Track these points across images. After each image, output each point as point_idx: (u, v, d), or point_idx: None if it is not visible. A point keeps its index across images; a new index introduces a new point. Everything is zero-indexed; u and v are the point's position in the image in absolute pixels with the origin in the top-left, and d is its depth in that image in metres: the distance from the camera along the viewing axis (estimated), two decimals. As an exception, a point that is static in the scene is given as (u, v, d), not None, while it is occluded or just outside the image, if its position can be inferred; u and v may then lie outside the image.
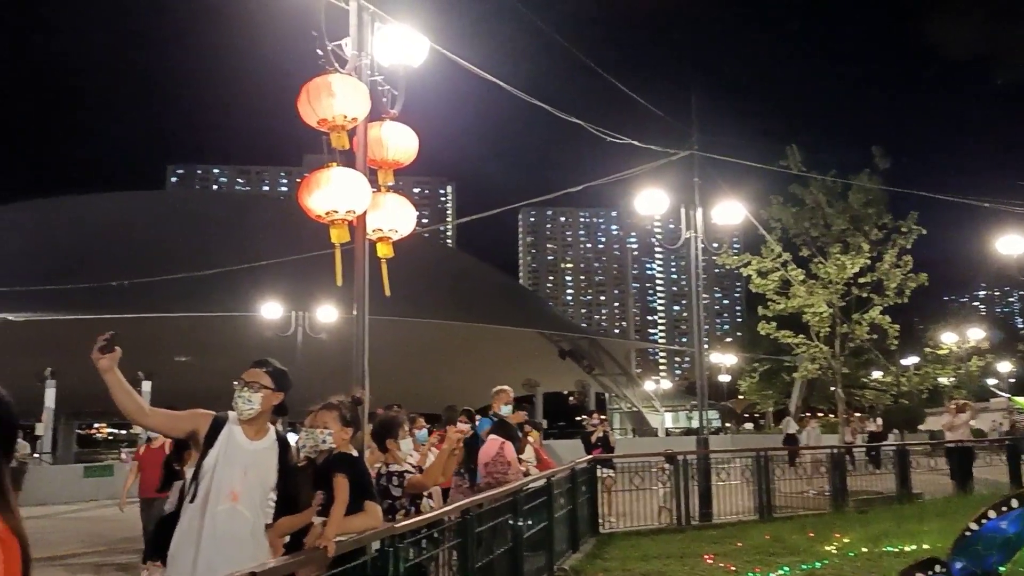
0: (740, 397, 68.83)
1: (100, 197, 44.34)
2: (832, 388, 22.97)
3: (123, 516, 11.17)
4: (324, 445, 4.34)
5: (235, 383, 4.29)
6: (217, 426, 4.22)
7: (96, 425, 74.65)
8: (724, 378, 66.74)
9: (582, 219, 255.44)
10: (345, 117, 5.84)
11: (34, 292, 25.61)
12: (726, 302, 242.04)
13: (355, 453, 4.47)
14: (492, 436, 8.28)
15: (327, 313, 28.27)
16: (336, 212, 5.85)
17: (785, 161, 19.40)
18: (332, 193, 5.85)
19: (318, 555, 3.66)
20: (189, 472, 4.42)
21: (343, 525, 3.99)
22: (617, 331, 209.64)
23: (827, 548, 10.36)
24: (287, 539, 4.25)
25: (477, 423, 8.92)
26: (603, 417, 17.37)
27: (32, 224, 37.12)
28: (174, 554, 4.08)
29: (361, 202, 5.97)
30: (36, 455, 29.05)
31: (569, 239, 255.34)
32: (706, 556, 10.08)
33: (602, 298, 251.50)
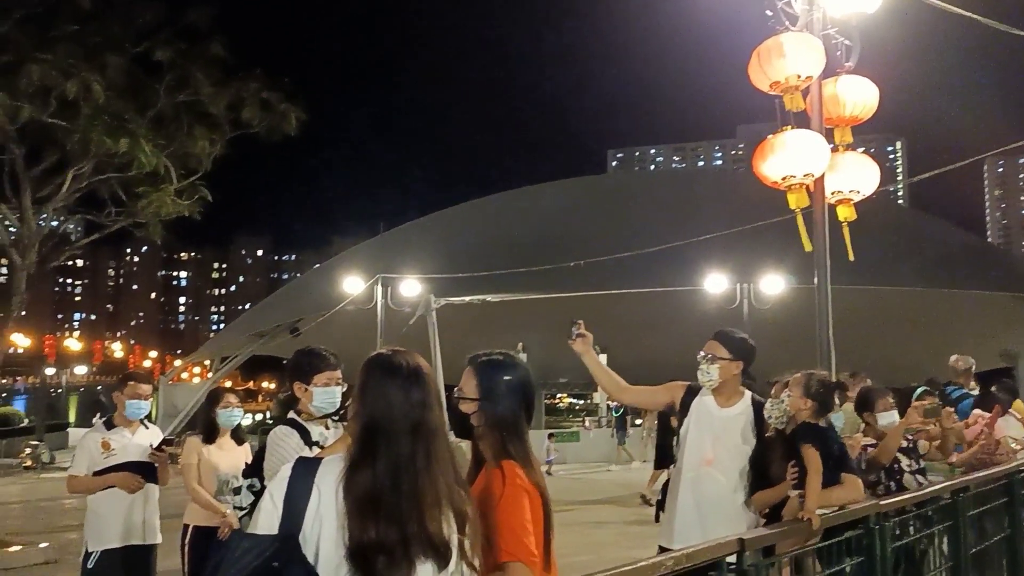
0: None
1: (552, 185, 48.29)
2: None
3: (585, 477, 11.73)
4: (778, 408, 4.26)
5: (698, 355, 4.41)
6: (690, 396, 4.42)
7: (559, 395, 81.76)
8: None
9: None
10: (799, 77, 5.66)
11: (504, 275, 28.76)
12: None
13: (824, 424, 4.30)
14: (976, 412, 7.48)
15: (772, 283, 27.74)
16: (793, 176, 5.70)
17: None
18: (788, 157, 5.71)
19: (802, 527, 3.58)
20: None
21: (823, 497, 3.85)
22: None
23: None
24: (766, 511, 4.23)
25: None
26: None
27: (498, 214, 41.72)
28: (665, 516, 4.42)
29: (819, 164, 5.74)
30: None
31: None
32: None
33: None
